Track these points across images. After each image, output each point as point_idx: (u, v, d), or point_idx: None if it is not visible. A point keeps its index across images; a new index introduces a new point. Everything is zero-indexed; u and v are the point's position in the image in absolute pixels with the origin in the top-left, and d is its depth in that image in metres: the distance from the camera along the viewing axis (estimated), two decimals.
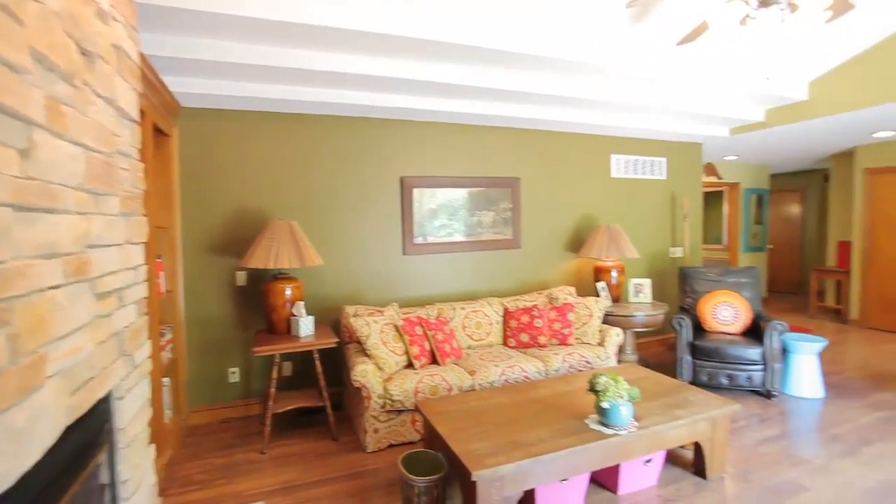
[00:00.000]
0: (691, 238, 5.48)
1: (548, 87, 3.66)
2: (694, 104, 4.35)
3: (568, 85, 3.74)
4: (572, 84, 3.75)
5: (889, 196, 5.80)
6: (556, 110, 4.22)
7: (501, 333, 4.00)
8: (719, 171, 7.47)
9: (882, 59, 3.89)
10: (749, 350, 3.73)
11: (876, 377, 4.24)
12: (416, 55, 3.09)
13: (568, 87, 3.74)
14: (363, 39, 2.78)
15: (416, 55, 3.09)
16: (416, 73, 3.22)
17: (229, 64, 2.83)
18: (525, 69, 3.46)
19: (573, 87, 3.75)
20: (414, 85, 3.38)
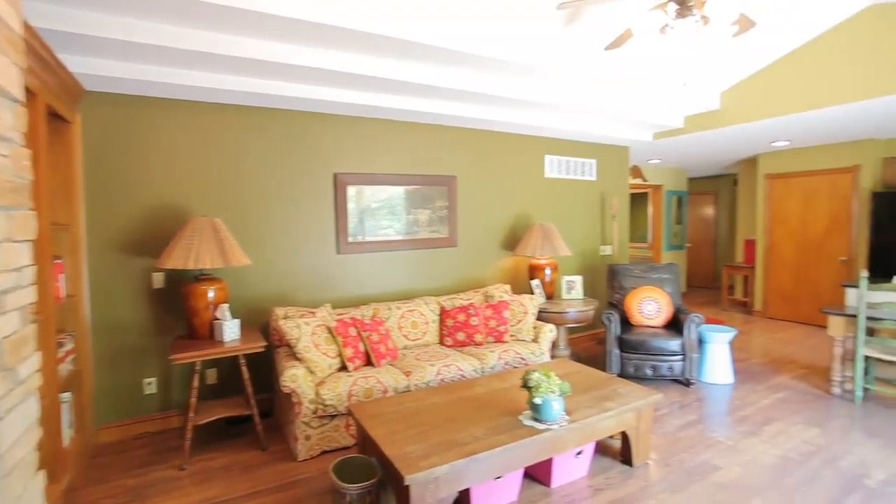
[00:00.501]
0: (619, 236, 5.76)
1: (485, 85, 3.69)
2: (621, 109, 4.56)
3: (504, 84, 3.78)
4: (508, 84, 3.80)
5: (784, 199, 6.43)
6: (492, 109, 4.26)
7: (438, 332, 3.98)
8: (644, 173, 7.93)
9: (779, 76, 4.28)
10: (670, 342, 3.97)
11: (775, 362, 4.67)
12: (347, 47, 2.99)
13: (504, 87, 3.78)
14: (290, 27, 2.65)
15: (348, 47, 2.99)
16: (348, 67, 3.12)
17: (140, 45, 2.58)
18: (461, 67, 3.46)
19: (509, 86, 3.80)
20: (347, 78, 3.27)
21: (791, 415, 3.44)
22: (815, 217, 6.16)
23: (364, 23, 2.70)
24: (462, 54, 3.16)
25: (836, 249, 5.97)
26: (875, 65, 3.72)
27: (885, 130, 5.20)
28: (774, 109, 4.37)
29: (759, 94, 4.46)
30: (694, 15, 2.36)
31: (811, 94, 4.10)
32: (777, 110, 4.36)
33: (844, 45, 3.88)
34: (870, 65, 3.75)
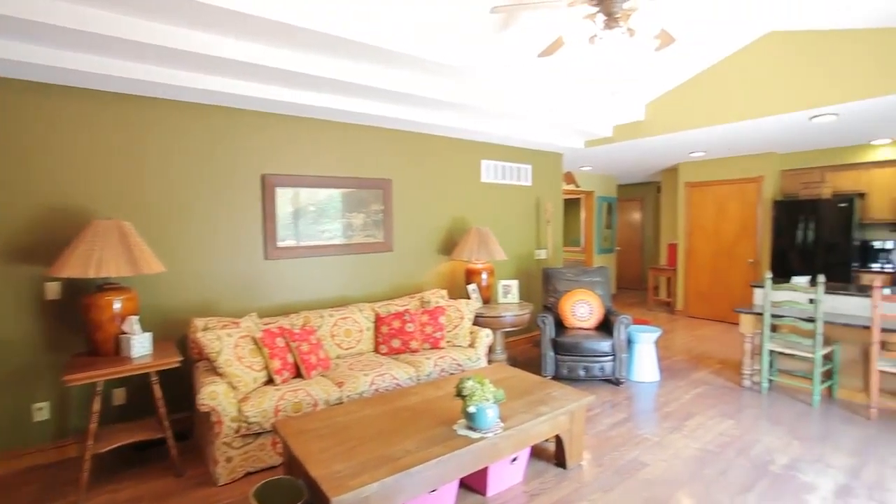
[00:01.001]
0: (553, 241, 5.91)
1: (421, 88, 3.63)
2: (555, 116, 4.68)
3: (441, 87, 3.74)
4: (445, 87, 3.76)
5: (701, 206, 6.92)
6: (429, 112, 4.21)
7: (373, 340, 3.86)
8: (577, 179, 8.23)
9: (695, 92, 4.58)
10: (602, 343, 4.10)
11: (694, 358, 4.98)
12: (272, 40, 2.82)
13: (441, 90, 3.74)
14: (207, 14, 2.44)
15: (273, 41, 2.82)
16: (274, 62, 2.94)
17: (29, 23, 2.27)
18: (397, 67, 3.38)
19: (446, 89, 3.77)
20: (274, 74, 3.08)
21: (709, 408, 3.65)
22: (727, 223, 6.67)
23: (290, 15, 2.54)
24: (395, 54, 3.08)
25: (745, 252, 6.49)
26: (773, 86, 4.07)
27: (783, 145, 5.72)
28: (691, 122, 4.67)
29: (678, 107, 4.74)
30: (620, 27, 2.43)
31: (721, 109, 4.42)
32: (693, 123, 4.66)
33: (748, 66, 4.22)
34: (769, 86, 4.10)
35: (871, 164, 5.67)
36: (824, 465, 2.81)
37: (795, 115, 4.12)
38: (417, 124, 4.31)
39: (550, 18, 3.26)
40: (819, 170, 6.04)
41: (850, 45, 3.66)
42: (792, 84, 3.98)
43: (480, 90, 3.98)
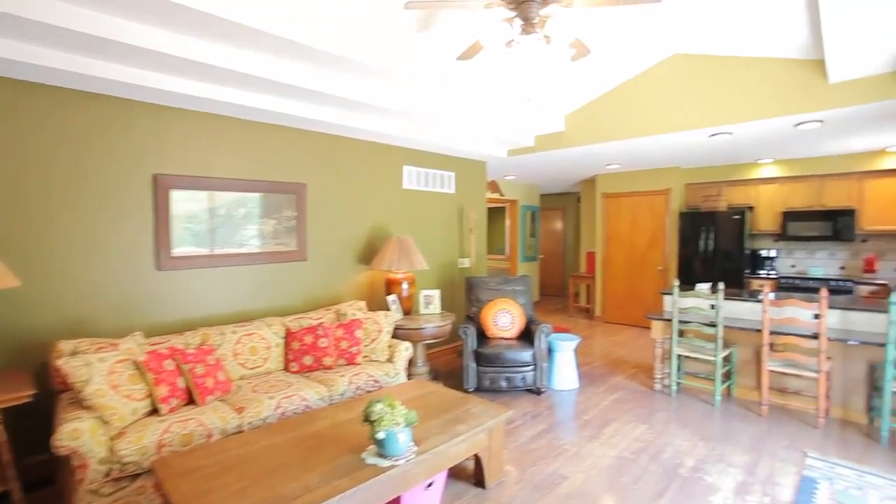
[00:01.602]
0: (477, 249, 5.88)
1: (338, 87, 3.41)
2: (478, 124, 4.65)
3: (361, 88, 3.55)
4: (365, 87, 3.57)
5: (617, 216, 7.26)
6: (348, 114, 3.99)
7: (282, 358, 3.54)
8: (501, 188, 8.34)
9: (609, 106, 4.76)
10: (523, 353, 4.08)
11: (611, 363, 5.14)
12: (173, 24, 2.48)
13: (361, 91, 3.55)
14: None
15: (174, 25, 2.48)
16: (176, 48, 2.59)
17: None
18: (313, 63, 3.14)
19: (366, 90, 3.59)
20: (173, 63, 2.73)
21: (624, 414, 3.73)
22: (639, 232, 7.04)
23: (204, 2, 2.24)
24: (310, 49, 2.85)
25: (655, 260, 6.88)
26: (677, 104, 4.31)
27: (686, 160, 6.14)
28: (605, 135, 4.84)
29: (594, 120, 4.90)
30: (537, 32, 2.39)
31: (632, 125, 4.62)
32: (607, 136, 4.83)
33: (655, 85, 4.44)
34: (674, 104, 4.34)
35: (758, 180, 6.24)
36: (725, 464, 2.94)
37: (697, 132, 4.40)
38: (335, 126, 4.07)
39: (470, 22, 3.19)
40: (717, 184, 6.56)
41: (744, 70, 3.96)
42: (694, 103, 4.24)
43: (402, 93, 3.84)
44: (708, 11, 3.46)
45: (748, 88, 3.94)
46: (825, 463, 2.94)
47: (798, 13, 3.25)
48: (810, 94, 3.67)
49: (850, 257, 5.92)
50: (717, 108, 4.12)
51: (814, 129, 4.24)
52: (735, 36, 3.74)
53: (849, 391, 3.61)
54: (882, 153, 5.46)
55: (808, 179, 5.90)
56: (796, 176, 5.98)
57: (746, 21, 3.49)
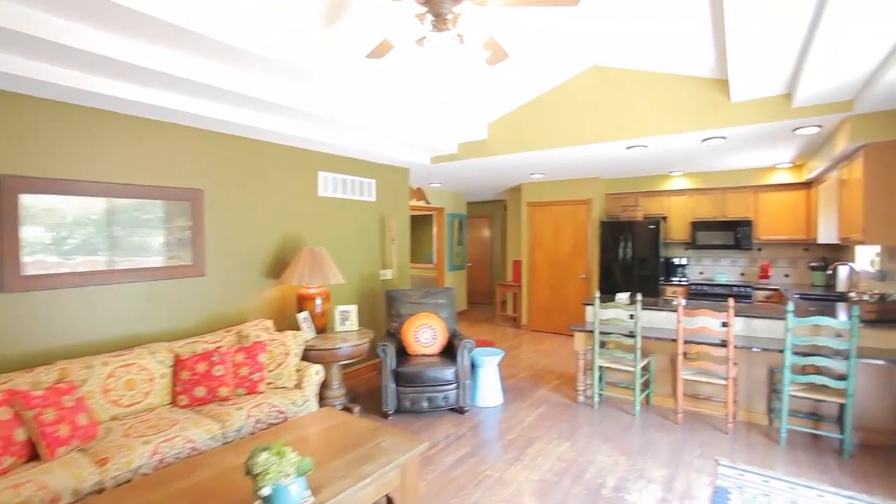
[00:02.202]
0: (399, 260, 5.63)
1: (241, 83, 3.04)
2: (399, 130, 4.42)
3: (270, 87, 3.20)
4: (273, 86, 3.22)
5: (542, 225, 7.33)
6: (254, 114, 3.60)
7: (169, 390, 3.07)
8: (427, 196, 8.15)
9: (530, 116, 4.73)
10: (445, 371, 3.88)
11: (536, 374, 5.09)
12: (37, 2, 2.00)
13: (270, 91, 3.21)
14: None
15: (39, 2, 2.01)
16: (21, 24, 2.10)
17: None
18: (205, 56, 2.74)
19: (274, 89, 3.24)
20: (21, 41, 2.22)
21: (548, 431, 3.64)
22: (563, 241, 7.14)
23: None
24: (196, 36, 2.46)
25: (578, 268, 7.01)
26: (596, 116, 4.36)
27: (606, 171, 6.31)
28: (527, 145, 4.80)
29: (516, 129, 4.85)
30: (449, 29, 2.20)
31: (552, 135, 4.62)
32: (529, 146, 4.79)
33: (575, 95, 4.47)
34: (592, 115, 4.38)
35: (670, 192, 6.56)
36: (645, 480, 2.90)
37: (615, 144, 4.47)
38: (238, 126, 3.66)
39: (381, 18, 2.95)
40: (634, 195, 6.81)
41: (659, 86, 4.06)
42: (611, 116, 4.29)
43: (319, 96, 3.52)
44: (624, 26, 3.49)
45: (662, 103, 4.05)
46: (735, 470, 3.00)
47: (705, 35, 3.35)
48: (716, 112, 3.83)
49: (749, 264, 6.36)
50: (633, 122, 4.19)
51: (718, 145, 4.46)
52: (650, 52, 3.82)
53: (752, 394, 3.77)
54: (773, 169, 5.92)
55: (712, 192, 6.28)
56: (702, 188, 6.34)
57: (660, 39, 3.57)
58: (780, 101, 3.59)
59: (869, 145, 3.42)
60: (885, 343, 3.32)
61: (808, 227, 5.69)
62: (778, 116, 3.61)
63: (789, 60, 3.07)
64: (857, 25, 2.31)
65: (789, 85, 3.45)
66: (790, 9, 2.45)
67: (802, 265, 6.04)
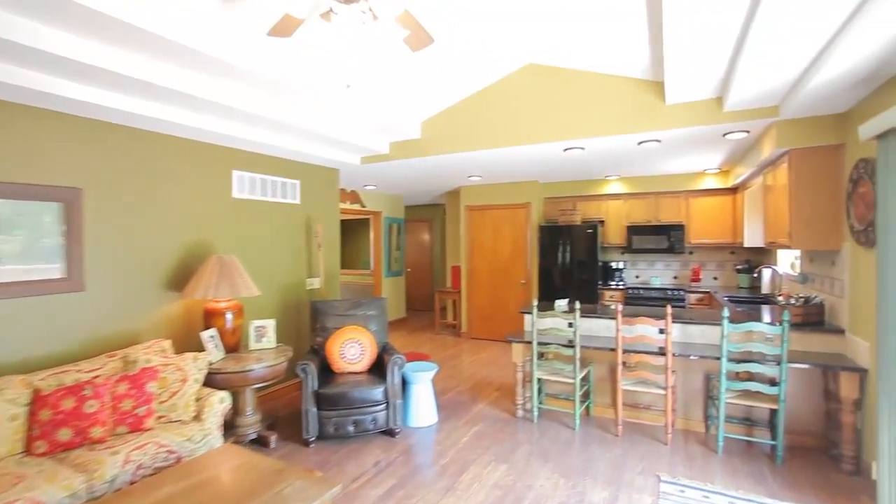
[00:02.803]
0: (327, 268, 5.20)
1: (129, 65, 2.54)
2: (325, 128, 4.04)
3: (167, 72, 2.70)
4: (174, 72, 2.73)
5: (480, 229, 7.14)
6: (150, 104, 3.09)
7: (22, 435, 2.49)
8: (363, 199, 7.74)
9: (465, 114, 4.49)
10: (374, 391, 3.51)
11: (475, 387, 4.83)
12: None
13: (167, 75, 2.71)
14: None
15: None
16: None
17: None
18: (96, 36, 2.23)
19: (179, 78, 2.76)
20: None
21: (484, 452, 3.37)
22: (502, 245, 6.98)
23: None
24: (94, 14, 1.97)
25: (518, 274, 6.87)
26: (532, 116, 4.19)
27: (544, 175, 6.21)
28: (461, 145, 4.55)
29: (450, 129, 4.59)
30: (358, 3, 1.88)
31: (487, 135, 4.40)
32: (463, 146, 4.55)
33: (510, 94, 4.27)
34: (529, 115, 4.21)
35: (606, 196, 6.58)
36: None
37: (552, 145, 4.31)
38: (130, 116, 3.12)
39: None
40: (572, 199, 6.78)
41: (596, 86, 3.94)
42: (548, 116, 4.13)
43: (232, 89, 3.06)
44: (560, 23, 3.32)
45: (599, 104, 3.93)
46: (676, 486, 2.87)
47: (642, 36, 3.24)
48: (652, 114, 3.75)
49: (681, 268, 6.48)
50: (570, 122, 4.05)
51: (654, 148, 4.42)
52: (586, 51, 3.68)
53: (689, 402, 3.71)
54: (703, 174, 6.06)
55: (646, 197, 6.35)
56: (637, 193, 6.40)
57: (596, 37, 3.43)
58: (713, 104, 3.56)
59: (794, 151, 3.46)
60: (808, 345, 3.35)
61: (735, 231, 5.86)
62: (710, 120, 3.58)
63: (722, 64, 3.01)
64: (784, 32, 2.28)
65: (721, 89, 3.42)
66: (724, 13, 2.38)
67: (729, 268, 6.23)
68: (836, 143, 3.32)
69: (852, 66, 2.46)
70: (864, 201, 2.89)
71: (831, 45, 2.36)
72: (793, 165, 3.47)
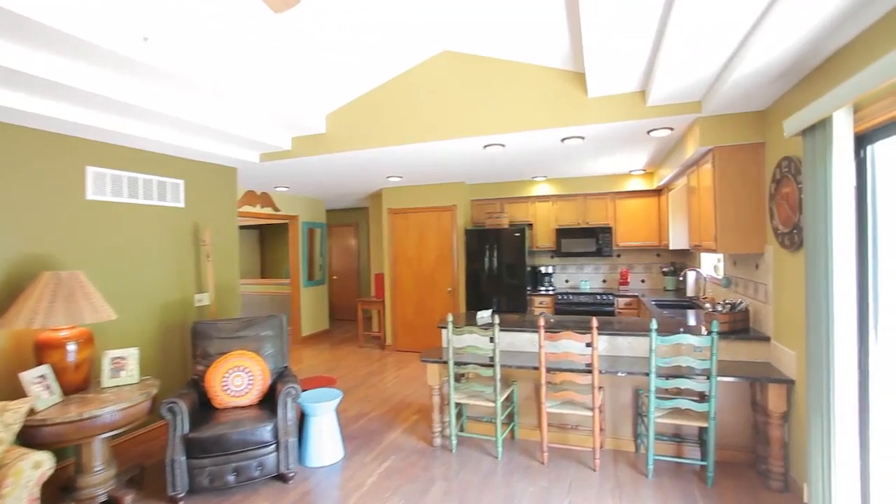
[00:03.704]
0: (221, 280, 4.50)
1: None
2: (211, 119, 3.41)
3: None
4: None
5: (404, 233, 6.66)
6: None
7: None
8: (276, 202, 7.02)
9: (377, 105, 4.01)
10: (259, 430, 2.93)
11: (393, 410, 4.34)
12: None
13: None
14: None
15: None
16: None
17: None
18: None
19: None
20: None
21: (393, 494, 2.89)
22: (427, 251, 6.54)
23: None
24: None
25: (444, 281, 6.46)
26: (446, 109, 3.78)
27: (469, 175, 5.85)
28: (373, 140, 4.07)
29: (360, 122, 4.09)
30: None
31: (399, 129, 3.94)
32: (375, 142, 4.06)
33: (425, 85, 3.85)
34: (443, 108, 3.80)
35: (535, 197, 6.33)
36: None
37: (470, 142, 3.93)
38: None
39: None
40: (499, 201, 6.47)
41: (515, 77, 3.60)
42: (465, 109, 3.74)
43: (86, 67, 2.37)
44: (477, 7, 2.93)
45: (519, 96, 3.59)
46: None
47: (560, 21, 2.93)
48: (574, 108, 3.46)
49: (610, 271, 6.36)
50: (489, 116, 3.68)
51: (577, 145, 4.16)
52: (505, 38, 3.32)
53: (618, 419, 3.44)
54: (629, 176, 5.96)
55: (574, 198, 6.16)
56: (565, 195, 6.20)
57: (515, 23, 3.08)
58: (636, 98, 3.32)
59: (717, 149, 3.28)
60: (735, 354, 3.18)
61: (661, 234, 5.79)
62: (634, 115, 3.34)
63: (644, 54, 2.75)
64: (703, 22, 2.10)
65: (645, 82, 3.18)
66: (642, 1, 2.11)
67: (656, 270, 6.18)
68: (758, 141, 3.17)
69: (771, 60, 2.27)
70: (788, 202, 2.71)
71: (750, 37, 2.17)
72: (717, 164, 3.30)
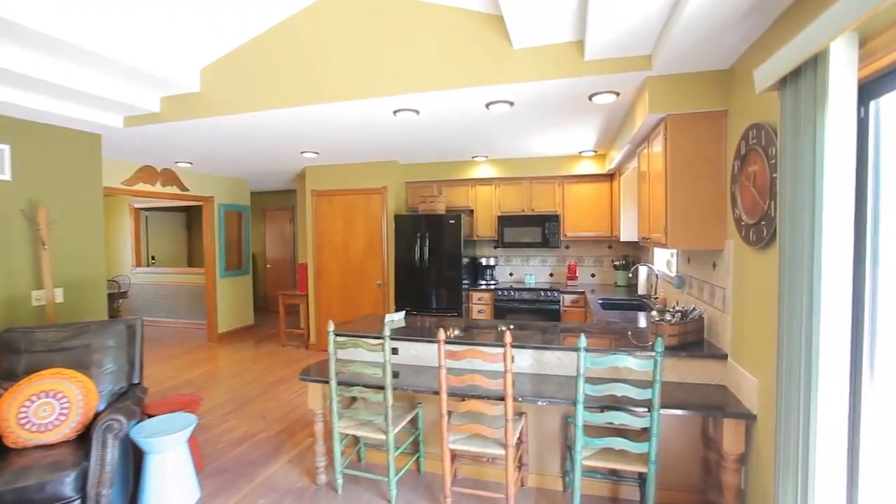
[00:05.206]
0: (72, 274, 3.60)
1: None
2: (46, 70, 2.52)
3: None
4: None
5: (330, 219, 5.85)
6: None
7: None
8: (184, 181, 6.07)
9: (263, 57, 3.19)
10: (53, 482, 2.14)
11: (285, 431, 3.59)
12: None
13: None
14: None
15: None
16: None
17: None
18: None
19: None
20: None
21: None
22: (355, 238, 5.77)
23: None
24: None
25: (373, 273, 5.71)
26: (345, 63, 3.01)
27: (403, 154, 5.09)
28: (258, 102, 3.25)
29: (241, 78, 3.26)
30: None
31: (291, 86, 3.14)
32: (261, 104, 3.25)
33: (317, 32, 3.05)
34: (342, 61, 3.02)
35: (475, 180, 5.63)
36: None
37: (375, 104, 3.17)
38: None
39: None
40: (437, 183, 5.75)
41: (426, 21, 2.85)
42: (368, 62, 2.97)
43: None
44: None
45: (431, 46, 2.85)
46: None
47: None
48: (498, 63, 2.74)
49: (557, 263, 5.76)
50: (395, 73, 2.93)
51: (507, 114, 3.45)
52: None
53: (544, 451, 2.80)
54: (579, 158, 5.32)
55: (519, 182, 5.50)
56: (508, 178, 5.52)
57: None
58: (572, 50, 2.62)
59: (671, 118, 2.64)
60: (685, 374, 2.58)
61: (613, 223, 5.20)
62: (569, 72, 2.64)
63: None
64: None
65: (580, 28, 2.49)
66: None
67: (607, 264, 5.61)
68: (720, 108, 2.54)
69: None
70: (756, 184, 2.09)
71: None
72: (669, 137, 2.65)
